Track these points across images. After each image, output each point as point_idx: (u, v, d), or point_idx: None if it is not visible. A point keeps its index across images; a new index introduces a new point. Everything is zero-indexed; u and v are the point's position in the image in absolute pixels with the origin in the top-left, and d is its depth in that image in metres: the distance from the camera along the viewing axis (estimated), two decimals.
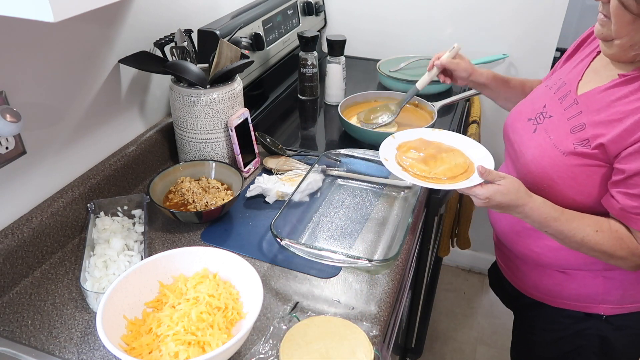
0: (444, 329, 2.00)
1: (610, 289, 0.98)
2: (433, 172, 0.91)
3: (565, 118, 0.91)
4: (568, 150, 0.88)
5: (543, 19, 1.59)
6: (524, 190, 0.87)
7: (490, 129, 1.80)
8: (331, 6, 1.82)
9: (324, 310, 0.84)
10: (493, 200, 0.86)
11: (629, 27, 0.79)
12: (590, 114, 0.87)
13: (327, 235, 1.00)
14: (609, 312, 1.00)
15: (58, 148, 0.96)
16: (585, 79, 0.93)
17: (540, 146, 0.94)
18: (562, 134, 0.90)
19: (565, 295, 1.02)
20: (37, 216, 0.90)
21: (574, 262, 0.98)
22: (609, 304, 0.99)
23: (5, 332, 0.79)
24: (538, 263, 1.04)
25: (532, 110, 1.01)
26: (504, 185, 0.86)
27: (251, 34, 1.32)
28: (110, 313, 0.72)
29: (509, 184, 0.86)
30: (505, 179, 0.86)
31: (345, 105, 1.37)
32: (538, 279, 1.06)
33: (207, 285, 0.79)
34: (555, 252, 0.98)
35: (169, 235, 1.00)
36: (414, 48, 1.77)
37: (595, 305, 1.00)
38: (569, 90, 0.94)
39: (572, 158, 0.87)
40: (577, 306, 1.02)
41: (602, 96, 0.86)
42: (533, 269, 1.06)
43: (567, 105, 0.92)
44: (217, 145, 1.14)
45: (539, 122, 0.97)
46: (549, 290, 1.04)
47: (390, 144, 1.00)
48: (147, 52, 1.09)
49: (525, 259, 1.06)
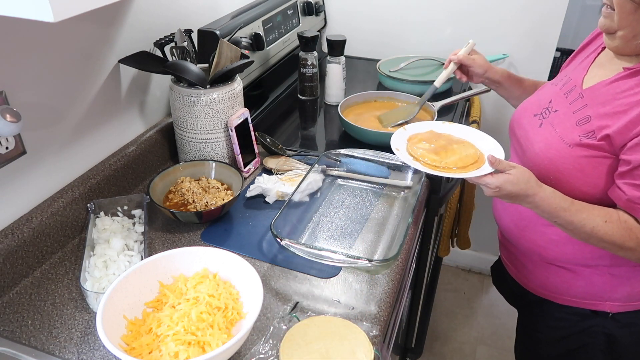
0: (444, 329, 2.00)
1: (617, 286, 0.98)
2: (444, 162, 0.92)
3: (570, 112, 0.92)
4: (574, 142, 0.89)
5: (543, 19, 1.59)
6: (535, 180, 0.87)
7: (490, 129, 1.80)
8: (331, 6, 1.82)
9: (324, 310, 0.84)
10: (503, 189, 0.86)
11: (631, 17, 0.81)
12: (595, 106, 0.88)
13: (327, 235, 1.00)
14: (615, 310, 1.00)
15: (58, 148, 0.96)
16: (590, 74, 0.94)
17: (546, 139, 0.95)
18: (568, 126, 0.91)
19: (572, 293, 1.02)
20: (37, 216, 0.90)
21: (580, 256, 0.98)
22: (615, 302, 0.99)
23: (5, 332, 0.79)
24: (543, 258, 1.04)
25: (538, 106, 1.02)
26: (515, 175, 0.86)
27: (251, 34, 1.32)
28: (110, 313, 0.72)
29: (519, 173, 0.86)
30: (515, 169, 0.87)
31: (345, 105, 1.37)
32: (544, 277, 1.06)
33: (207, 285, 0.79)
34: (560, 246, 0.99)
35: (169, 235, 1.00)
36: (414, 48, 1.77)
37: (601, 303, 1.00)
38: (574, 85, 0.95)
39: (578, 150, 0.88)
40: (584, 303, 1.02)
41: (607, 89, 0.87)
42: (539, 266, 1.06)
43: (572, 99, 0.93)
44: (217, 145, 1.14)
45: (544, 116, 0.98)
46: (555, 288, 1.04)
47: (401, 136, 1.01)
48: (147, 52, 1.09)
49: (531, 255, 1.06)
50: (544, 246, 1.02)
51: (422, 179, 1.08)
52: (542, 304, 1.09)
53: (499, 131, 1.79)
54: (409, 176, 1.12)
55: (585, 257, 0.98)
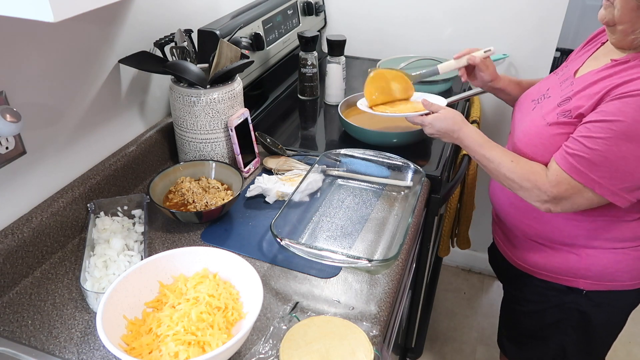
0: (444, 329, 2.00)
1: (591, 265, 1.03)
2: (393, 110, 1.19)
3: (559, 96, 0.99)
4: (552, 120, 0.95)
5: (543, 19, 1.59)
6: (461, 118, 1.05)
7: (490, 128, 1.80)
8: (331, 6, 1.82)
9: (324, 310, 0.84)
10: (434, 125, 1.07)
11: (633, 13, 0.85)
12: (578, 90, 0.94)
13: (327, 235, 1.00)
14: (588, 287, 1.06)
15: (58, 148, 0.96)
16: (585, 65, 1.00)
17: (532, 120, 1.02)
18: (552, 108, 0.98)
19: (549, 268, 1.09)
20: (37, 216, 0.90)
21: (557, 234, 1.05)
22: (588, 279, 1.05)
23: (5, 332, 0.79)
24: (526, 235, 1.11)
25: (537, 92, 1.09)
26: (442, 113, 1.07)
27: (251, 34, 1.32)
28: (110, 313, 0.72)
29: (446, 112, 1.07)
30: (444, 109, 1.07)
31: (345, 105, 1.37)
32: (526, 251, 1.13)
33: (207, 285, 0.79)
34: (541, 224, 1.06)
35: (169, 235, 1.00)
36: (414, 48, 1.77)
37: (575, 280, 1.06)
38: (569, 75, 1.01)
39: (554, 127, 0.95)
40: (559, 279, 1.08)
41: (592, 77, 0.93)
42: (522, 242, 1.13)
43: (564, 87, 1.00)
44: (217, 145, 1.14)
45: (539, 102, 1.05)
46: (535, 263, 1.11)
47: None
48: (147, 52, 1.09)
49: (516, 231, 1.14)
50: (527, 223, 1.09)
51: (422, 179, 1.08)
52: (524, 277, 1.16)
53: (499, 131, 1.80)
54: (409, 176, 1.12)
55: (562, 235, 1.04)
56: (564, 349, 1.16)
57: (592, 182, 0.88)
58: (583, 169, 0.87)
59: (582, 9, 2.39)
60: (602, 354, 1.21)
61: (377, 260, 0.87)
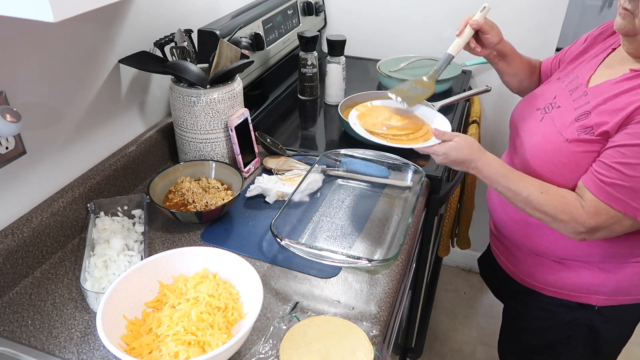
0: (444, 329, 2.00)
1: (605, 280, 0.99)
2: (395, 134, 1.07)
3: (572, 108, 0.93)
4: (572, 137, 0.90)
5: (543, 19, 1.59)
6: (478, 146, 0.95)
7: (490, 129, 1.80)
8: (331, 6, 1.82)
9: (324, 310, 0.84)
10: (449, 155, 0.95)
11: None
12: (596, 104, 0.89)
13: (327, 235, 1.00)
14: (601, 303, 1.02)
15: (58, 148, 0.96)
16: (598, 73, 0.95)
17: (544, 133, 0.96)
18: (568, 122, 0.92)
19: (560, 285, 1.04)
20: (37, 216, 0.90)
21: (571, 251, 0.99)
22: (602, 295, 1.01)
23: (5, 332, 0.79)
24: (534, 251, 1.05)
25: (543, 100, 1.03)
26: (458, 142, 0.95)
27: (251, 34, 1.32)
28: (110, 313, 0.72)
29: (462, 140, 0.95)
30: (459, 137, 0.95)
31: (345, 105, 1.37)
32: (534, 268, 1.07)
33: (207, 285, 0.79)
34: (552, 241, 1.00)
35: (169, 235, 1.00)
36: (414, 48, 1.77)
37: (588, 296, 1.02)
38: (580, 83, 0.96)
39: (575, 145, 0.89)
40: (572, 296, 1.03)
41: (611, 88, 0.88)
42: (529, 257, 1.08)
43: (576, 97, 0.94)
44: (217, 145, 1.14)
45: (547, 111, 0.99)
46: (544, 279, 1.06)
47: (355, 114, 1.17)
48: (147, 52, 1.09)
49: (521, 247, 1.08)
50: (535, 239, 1.03)
51: (422, 179, 1.08)
52: (530, 294, 1.10)
53: (499, 131, 1.80)
54: (409, 176, 1.12)
55: (576, 253, 0.99)
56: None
57: (635, 210, 0.83)
58: (624, 198, 0.83)
59: (582, 9, 2.38)
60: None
61: (377, 260, 0.87)
